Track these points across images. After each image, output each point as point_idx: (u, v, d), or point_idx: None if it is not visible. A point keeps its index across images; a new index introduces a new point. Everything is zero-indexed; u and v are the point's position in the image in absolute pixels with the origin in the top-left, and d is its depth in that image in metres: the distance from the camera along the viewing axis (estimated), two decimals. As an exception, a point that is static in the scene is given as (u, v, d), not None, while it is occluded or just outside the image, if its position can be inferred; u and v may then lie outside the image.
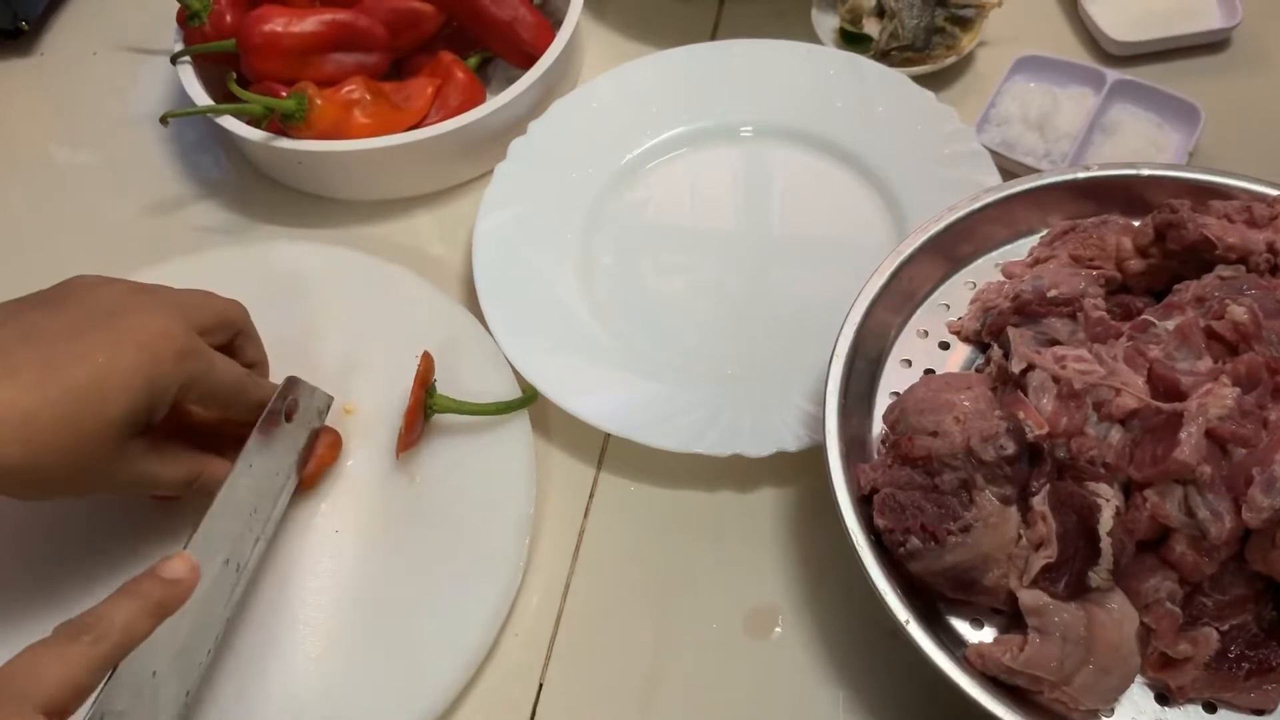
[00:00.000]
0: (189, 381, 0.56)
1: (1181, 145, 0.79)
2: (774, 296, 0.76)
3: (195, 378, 0.56)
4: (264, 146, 0.79)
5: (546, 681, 0.62)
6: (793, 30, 0.88)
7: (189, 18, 0.83)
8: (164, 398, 0.55)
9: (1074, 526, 0.50)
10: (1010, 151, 0.79)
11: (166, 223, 0.85)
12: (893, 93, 0.81)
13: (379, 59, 0.84)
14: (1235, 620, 0.51)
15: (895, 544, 0.53)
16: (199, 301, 0.60)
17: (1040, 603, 0.50)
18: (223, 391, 0.59)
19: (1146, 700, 0.51)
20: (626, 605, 0.64)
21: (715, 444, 0.65)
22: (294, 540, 0.64)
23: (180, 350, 0.55)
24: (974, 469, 0.52)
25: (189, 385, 0.56)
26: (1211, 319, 0.54)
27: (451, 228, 0.82)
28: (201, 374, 0.57)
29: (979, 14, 0.87)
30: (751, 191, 0.82)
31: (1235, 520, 0.49)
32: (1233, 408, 0.50)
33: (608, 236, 0.79)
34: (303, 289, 0.74)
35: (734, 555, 0.65)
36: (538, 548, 0.66)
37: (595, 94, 0.84)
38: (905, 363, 0.63)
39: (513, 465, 0.66)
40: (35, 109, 0.94)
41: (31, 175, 0.89)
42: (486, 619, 0.61)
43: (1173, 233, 0.59)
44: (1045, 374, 0.54)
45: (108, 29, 0.99)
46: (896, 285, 0.63)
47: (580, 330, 0.73)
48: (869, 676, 0.60)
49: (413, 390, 0.64)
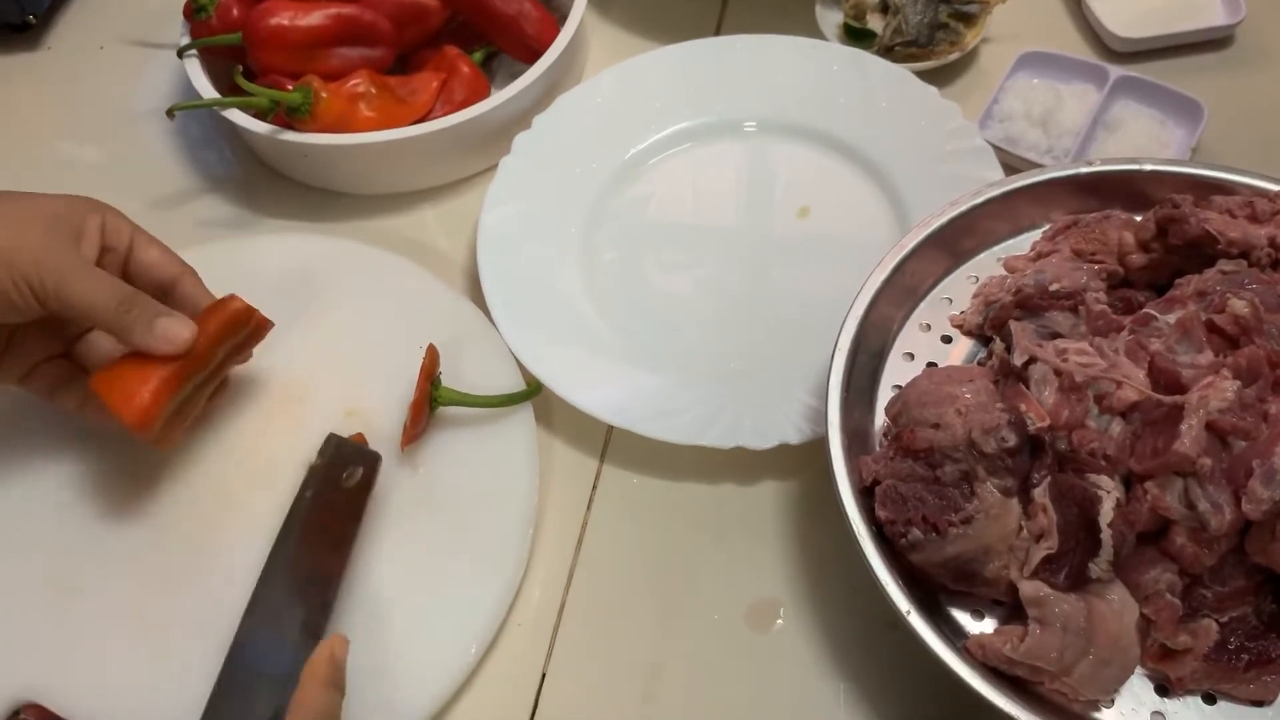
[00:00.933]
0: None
1: (1184, 141, 0.79)
2: (777, 291, 0.76)
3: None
4: (270, 140, 0.79)
5: (549, 672, 0.62)
6: (796, 26, 0.88)
7: (195, 11, 0.83)
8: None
9: (1075, 518, 0.50)
10: (1013, 147, 0.79)
11: (172, 216, 0.85)
12: (896, 88, 0.82)
13: (384, 53, 0.84)
14: (1235, 612, 0.51)
15: (897, 535, 0.53)
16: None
17: (1041, 594, 0.50)
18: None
19: (1146, 691, 0.52)
20: (629, 597, 0.65)
21: (718, 437, 0.65)
22: (299, 531, 0.65)
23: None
24: (975, 461, 0.52)
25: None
26: (1213, 313, 0.54)
27: (456, 222, 0.82)
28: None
29: (983, 10, 0.87)
30: (755, 187, 0.82)
31: (1235, 512, 0.49)
32: (1233, 400, 0.50)
33: (612, 231, 0.79)
34: (308, 283, 0.74)
35: (736, 548, 0.66)
36: (541, 540, 0.66)
37: (599, 89, 0.84)
38: (908, 356, 0.63)
39: (516, 458, 0.66)
40: (42, 103, 0.95)
41: (38, 169, 0.90)
42: (490, 610, 0.61)
43: (1175, 227, 0.59)
44: (1047, 367, 0.54)
45: (114, 23, 0.99)
46: (899, 279, 0.63)
47: (584, 324, 0.73)
48: (870, 668, 0.61)
49: (418, 383, 0.65)
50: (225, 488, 0.66)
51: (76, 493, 0.66)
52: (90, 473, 0.67)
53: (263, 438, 0.68)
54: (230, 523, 0.65)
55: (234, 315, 0.62)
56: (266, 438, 0.68)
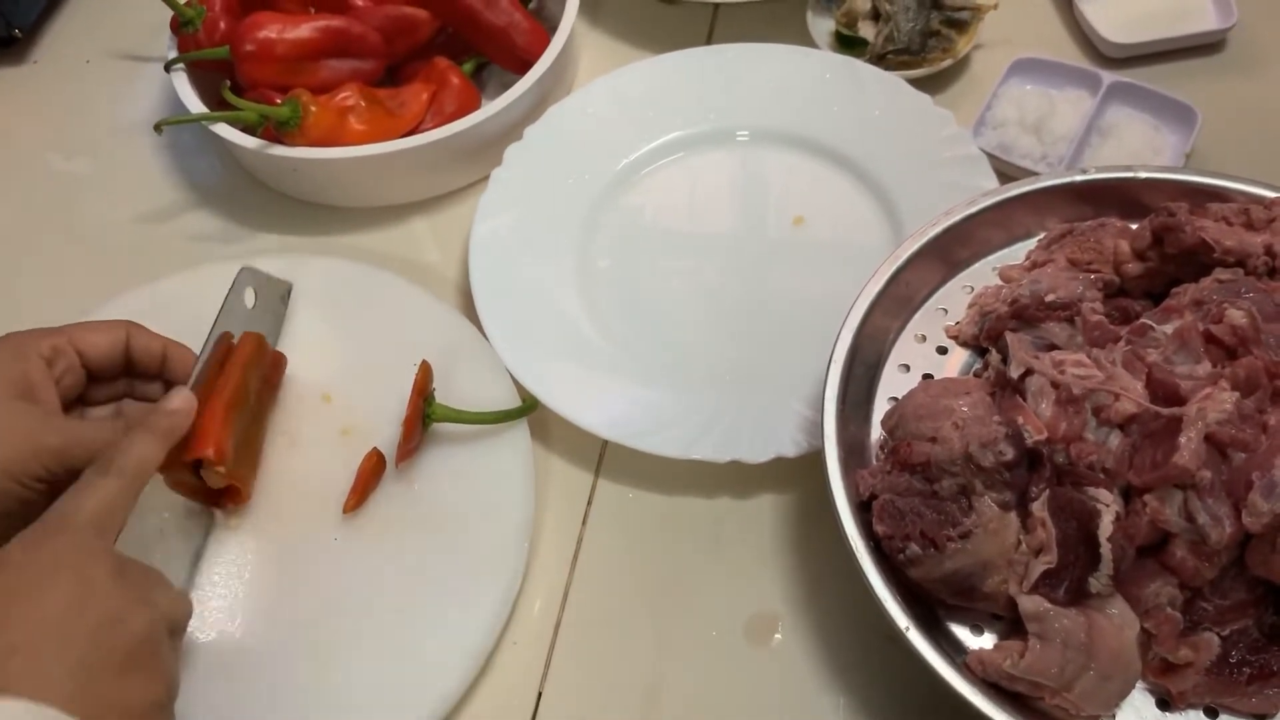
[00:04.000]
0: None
1: (1178, 147, 0.79)
2: (771, 301, 0.75)
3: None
4: (258, 154, 0.79)
5: (545, 690, 0.62)
6: (788, 34, 0.88)
7: (183, 25, 0.83)
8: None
9: (1074, 532, 0.50)
10: (1007, 154, 0.79)
11: (160, 230, 0.85)
12: (889, 96, 0.81)
13: (374, 65, 0.84)
14: (1236, 625, 0.51)
15: (894, 550, 0.53)
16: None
17: (1040, 609, 0.50)
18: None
19: (1148, 706, 0.51)
20: (625, 613, 0.64)
21: (713, 450, 0.65)
22: (294, 548, 0.64)
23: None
24: (973, 475, 0.52)
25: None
26: (1210, 323, 0.54)
27: (448, 234, 0.82)
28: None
29: (974, 17, 0.87)
30: (748, 196, 0.82)
31: (1235, 525, 0.49)
32: (1232, 412, 0.50)
33: (604, 242, 0.79)
34: (299, 301, 0.74)
35: (733, 562, 0.65)
36: (536, 556, 0.66)
37: (591, 99, 0.84)
38: (903, 368, 0.62)
39: (511, 473, 0.65)
40: (28, 117, 0.94)
41: (25, 184, 0.89)
42: (485, 627, 0.61)
43: (1170, 236, 0.59)
44: (1044, 379, 0.54)
45: (101, 36, 0.99)
46: (894, 290, 0.62)
47: (578, 337, 0.73)
48: (869, 683, 0.60)
49: (411, 399, 0.64)
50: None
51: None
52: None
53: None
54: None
55: (247, 345, 0.65)
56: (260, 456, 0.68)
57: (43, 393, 0.58)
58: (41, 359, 0.58)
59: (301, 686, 0.59)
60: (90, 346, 0.61)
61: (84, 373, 0.61)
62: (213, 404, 0.61)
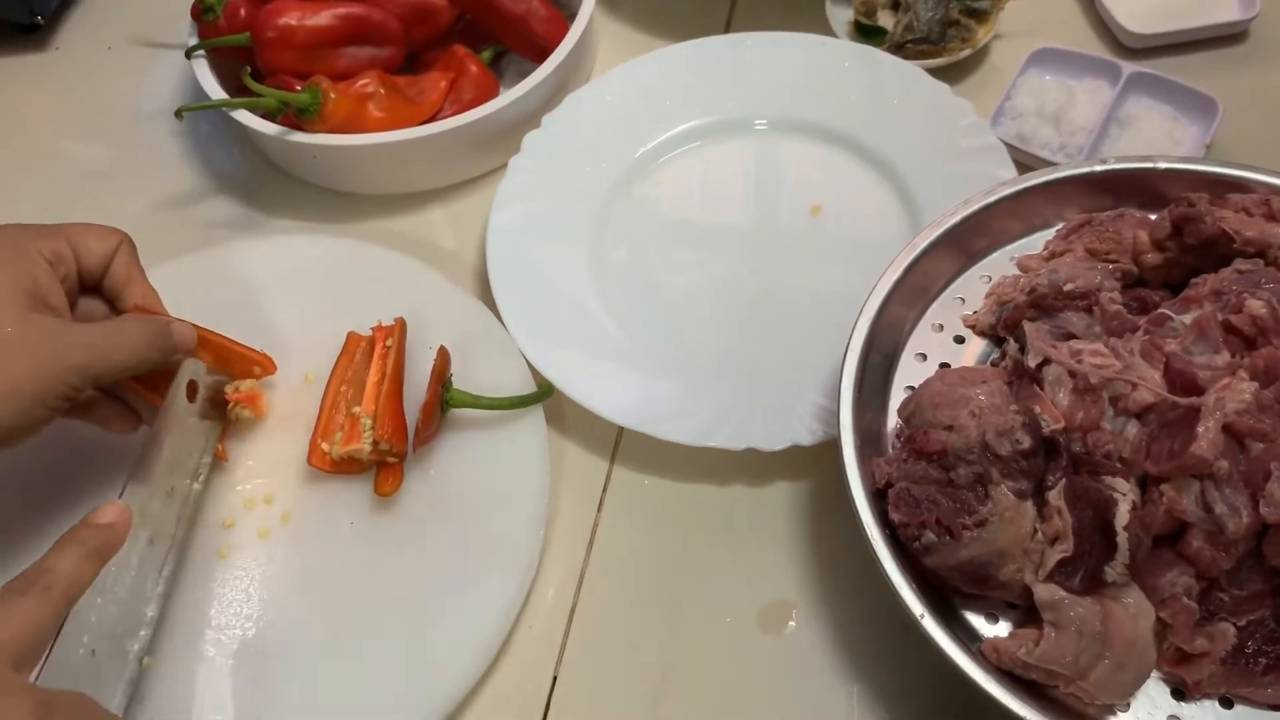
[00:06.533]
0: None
1: (1198, 138, 0.78)
2: (787, 291, 0.75)
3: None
4: (278, 140, 0.79)
5: (560, 674, 0.62)
6: (806, 23, 0.88)
7: (203, 11, 0.83)
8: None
9: (1090, 521, 0.50)
10: (1026, 145, 0.79)
11: (180, 217, 0.85)
12: (907, 86, 0.81)
13: (393, 53, 0.84)
14: (1252, 615, 0.51)
15: (910, 538, 0.53)
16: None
17: (1056, 597, 0.50)
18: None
19: (1163, 695, 0.51)
20: (640, 599, 0.64)
21: (729, 438, 0.65)
22: (310, 533, 0.65)
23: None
24: (989, 463, 0.52)
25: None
26: (1229, 313, 0.54)
27: (465, 222, 0.82)
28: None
29: (994, 6, 0.87)
30: (765, 185, 0.82)
31: (1253, 515, 0.49)
32: (1250, 402, 0.50)
33: (621, 230, 0.79)
34: (317, 284, 0.74)
35: (747, 550, 0.65)
36: (551, 542, 0.66)
37: (609, 88, 0.84)
38: (920, 357, 0.62)
39: (527, 459, 0.66)
40: (49, 104, 0.95)
41: (45, 170, 0.90)
42: (501, 612, 0.61)
43: (1190, 226, 0.58)
44: (1061, 368, 0.54)
45: (122, 23, 0.99)
46: (911, 279, 0.62)
47: (594, 324, 0.73)
48: (883, 671, 0.60)
49: (429, 385, 0.65)
50: (232, 487, 0.67)
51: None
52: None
53: (271, 440, 0.68)
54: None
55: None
56: (275, 440, 0.68)
57: (54, 298, 0.54)
58: (45, 261, 0.55)
59: (318, 670, 0.60)
60: (89, 254, 0.58)
61: (78, 281, 0.58)
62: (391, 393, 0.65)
